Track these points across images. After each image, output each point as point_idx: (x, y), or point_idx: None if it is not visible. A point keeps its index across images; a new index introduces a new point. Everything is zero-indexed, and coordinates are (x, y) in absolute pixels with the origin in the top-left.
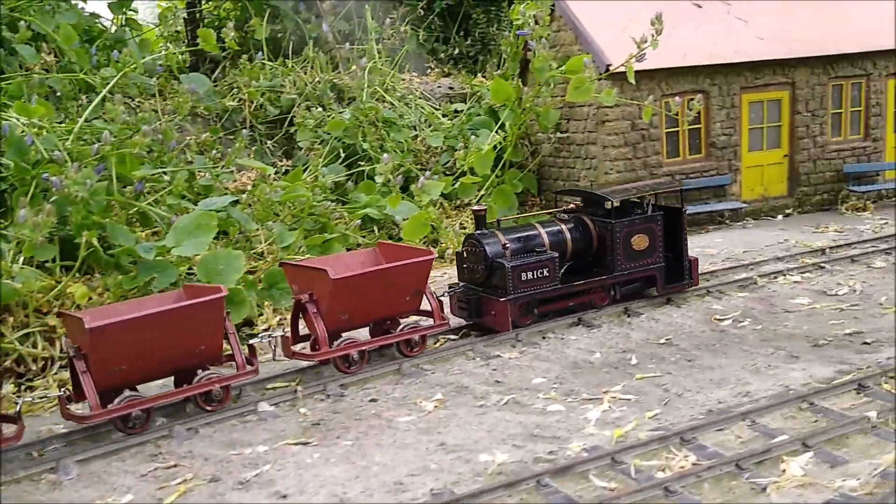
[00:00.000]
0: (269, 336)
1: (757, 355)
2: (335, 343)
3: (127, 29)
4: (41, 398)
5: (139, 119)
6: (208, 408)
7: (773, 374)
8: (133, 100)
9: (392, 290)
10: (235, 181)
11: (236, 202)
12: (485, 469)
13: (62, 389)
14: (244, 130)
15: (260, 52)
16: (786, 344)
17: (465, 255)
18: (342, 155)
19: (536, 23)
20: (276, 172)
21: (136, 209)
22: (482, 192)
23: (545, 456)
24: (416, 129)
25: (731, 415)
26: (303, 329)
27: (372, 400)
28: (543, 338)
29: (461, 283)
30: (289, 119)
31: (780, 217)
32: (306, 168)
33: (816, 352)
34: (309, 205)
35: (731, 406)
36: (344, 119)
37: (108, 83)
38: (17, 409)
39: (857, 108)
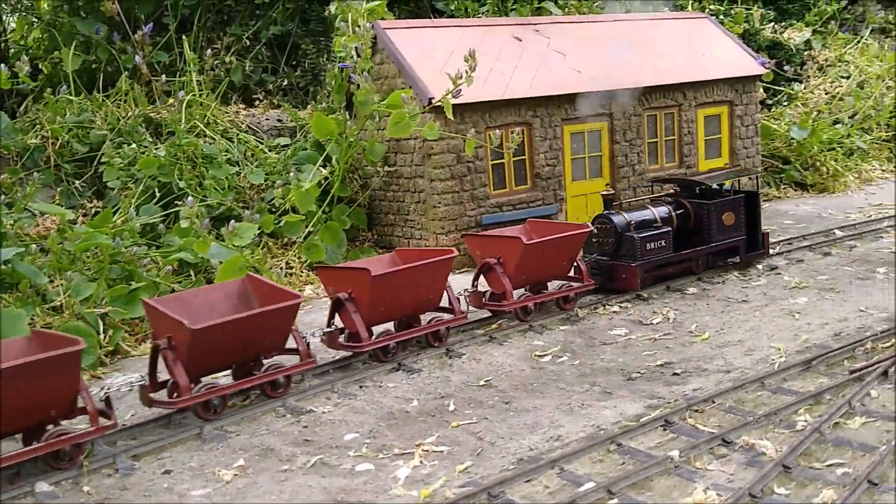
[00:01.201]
0: (465, 290)
1: (572, 393)
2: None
3: None
4: None
5: None
6: (435, 344)
7: (586, 414)
8: None
9: (559, 255)
10: (38, 226)
11: (24, 253)
12: None
13: (332, 327)
14: (36, 174)
15: (65, 86)
16: (601, 379)
17: (595, 230)
18: (157, 195)
19: (358, 55)
20: (84, 215)
21: None
22: (309, 229)
23: None
24: (239, 165)
25: (541, 463)
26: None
27: (166, 472)
28: (360, 387)
29: (592, 255)
30: (99, 157)
31: None
32: (117, 210)
33: (629, 386)
34: (111, 252)
35: (542, 452)
36: (158, 156)
37: None
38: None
39: (671, 137)
